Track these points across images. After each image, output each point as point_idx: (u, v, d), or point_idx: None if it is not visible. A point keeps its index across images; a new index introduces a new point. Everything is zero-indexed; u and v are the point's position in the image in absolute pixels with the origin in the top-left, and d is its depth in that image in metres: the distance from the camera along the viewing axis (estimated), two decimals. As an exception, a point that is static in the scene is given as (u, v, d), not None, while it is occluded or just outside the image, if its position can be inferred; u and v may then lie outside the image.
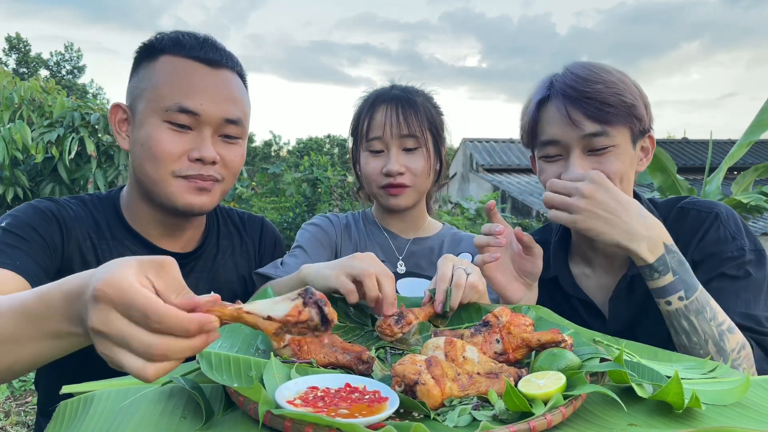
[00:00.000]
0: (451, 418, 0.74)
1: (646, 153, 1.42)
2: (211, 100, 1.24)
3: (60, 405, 0.81)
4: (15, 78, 6.58)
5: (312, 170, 8.93)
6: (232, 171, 1.32)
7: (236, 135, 1.31)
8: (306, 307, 0.69)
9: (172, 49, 1.26)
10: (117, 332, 0.63)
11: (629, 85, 1.34)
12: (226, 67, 1.29)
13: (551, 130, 1.34)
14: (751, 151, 14.60)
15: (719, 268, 1.28)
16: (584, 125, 1.29)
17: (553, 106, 1.34)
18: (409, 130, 1.56)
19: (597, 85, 1.30)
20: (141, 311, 0.62)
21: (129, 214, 1.35)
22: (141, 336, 0.62)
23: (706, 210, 1.36)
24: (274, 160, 34.06)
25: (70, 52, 39.66)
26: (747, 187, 6.31)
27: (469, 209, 9.08)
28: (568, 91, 1.31)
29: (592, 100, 1.28)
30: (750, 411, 0.80)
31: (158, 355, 0.63)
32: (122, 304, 0.62)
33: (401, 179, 1.57)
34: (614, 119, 1.29)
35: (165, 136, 1.23)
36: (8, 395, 4.44)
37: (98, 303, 0.63)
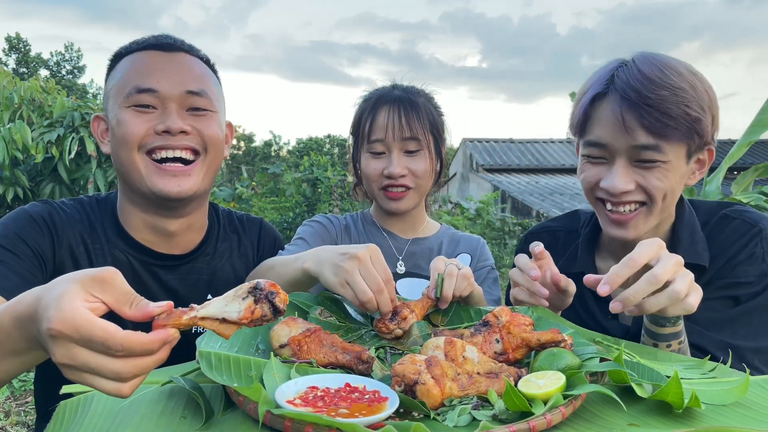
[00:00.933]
0: (451, 418, 0.74)
1: (702, 165, 1.30)
2: (167, 77, 1.25)
3: (60, 405, 0.81)
4: (15, 78, 6.58)
5: (312, 170, 8.93)
6: (211, 142, 1.30)
7: (204, 106, 1.29)
8: (257, 304, 0.71)
9: (129, 48, 1.32)
10: (84, 364, 0.65)
11: (700, 93, 1.20)
12: (182, 50, 1.32)
13: (600, 132, 1.23)
14: (751, 151, 14.60)
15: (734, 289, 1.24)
16: (637, 135, 1.18)
17: (608, 105, 1.22)
18: (411, 132, 1.56)
19: (663, 90, 1.16)
20: (101, 344, 0.63)
21: (123, 217, 1.35)
22: (108, 365, 0.65)
23: (751, 222, 1.28)
24: (274, 160, 34.05)
25: (70, 52, 39.67)
26: (747, 187, 6.30)
27: (469, 209, 9.08)
28: (629, 92, 1.18)
29: (652, 109, 1.16)
30: (750, 411, 0.80)
31: (128, 377, 0.66)
32: (81, 340, 0.64)
33: (402, 181, 1.57)
34: (672, 134, 1.17)
35: (129, 117, 1.24)
36: (8, 395, 4.44)
37: (57, 340, 0.64)
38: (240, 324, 0.72)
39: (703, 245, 1.29)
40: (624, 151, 1.21)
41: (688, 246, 1.29)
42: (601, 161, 1.26)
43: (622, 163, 1.22)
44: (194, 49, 1.35)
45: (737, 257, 1.24)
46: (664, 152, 1.19)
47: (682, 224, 1.32)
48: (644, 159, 1.20)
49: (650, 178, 1.21)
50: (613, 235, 1.30)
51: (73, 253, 1.27)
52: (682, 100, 1.17)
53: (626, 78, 1.20)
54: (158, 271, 1.34)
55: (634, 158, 1.21)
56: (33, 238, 1.21)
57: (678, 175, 1.24)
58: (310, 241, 1.59)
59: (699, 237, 1.31)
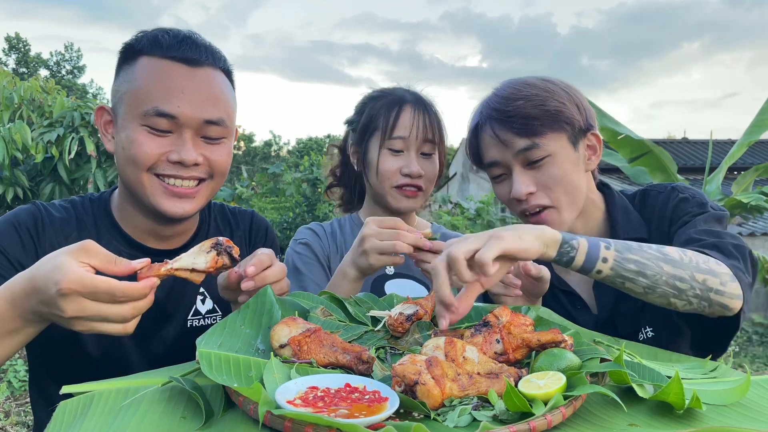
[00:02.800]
0: (451, 419, 0.74)
1: (594, 151, 1.44)
2: (189, 102, 1.21)
3: (60, 405, 0.81)
4: (15, 78, 6.59)
5: (312, 170, 8.94)
6: (219, 171, 1.29)
7: (219, 136, 1.27)
8: (219, 256, 0.95)
9: (151, 49, 1.24)
10: (94, 312, 0.85)
11: (554, 92, 1.36)
12: (206, 64, 1.26)
13: (489, 153, 1.41)
14: (751, 151, 14.60)
15: (682, 219, 1.34)
16: (514, 142, 1.34)
17: (483, 131, 1.41)
18: (430, 135, 1.61)
19: (518, 101, 1.34)
20: (107, 293, 0.84)
21: (119, 214, 1.34)
22: (113, 309, 0.86)
23: (663, 189, 1.44)
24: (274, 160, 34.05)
25: (70, 52, 39.67)
26: (747, 187, 6.31)
27: (469, 209, 9.08)
28: (493, 113, 1.37)
29: (515, 117, 1.33)
30: (750, 411, 0.80)
31: (130, 317, 0.88)
32: (89, 293, 0.84)
33: (419, 181, 1.60)
34: (541, 129, 1.32)
35: (143, 139, 1.20)
36: (8, 395, 4.44)
37: (67, 297, 0.83)
38: (207, 272, 0.95)
39: (638, 221, 1.44)
40: (512, 160, 1.37)
41: (624, 224, 1.44)
42: (504, 178, 1.43)
43: (517, 170, 1.37)
44: (217, 58, 1.29)
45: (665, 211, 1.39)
46: (544, 147, 1.33)
47: (615, 207, 1.47)
48: (532, 160, 1.35)
49: (544, 172, 1.35)
50: None
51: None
52: (537, 102, 1.34)
53: (488, 104, 1.41)
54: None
55: (525, 162, 1.36)
56: (13, 248, 1.21)
57: (569, 162, 1.37)
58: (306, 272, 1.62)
59: (633, 215, 1.45)
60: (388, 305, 1.19)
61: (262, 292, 1.08)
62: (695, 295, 1.07)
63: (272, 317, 1.04)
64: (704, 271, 1.07)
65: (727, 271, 1.10)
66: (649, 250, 1.07)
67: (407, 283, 1.67)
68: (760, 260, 5.93)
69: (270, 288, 1.09)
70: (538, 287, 1.27)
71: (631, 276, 1.05)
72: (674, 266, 1.06)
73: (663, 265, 1.06)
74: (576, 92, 1.41)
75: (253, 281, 1.06)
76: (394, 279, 1.67)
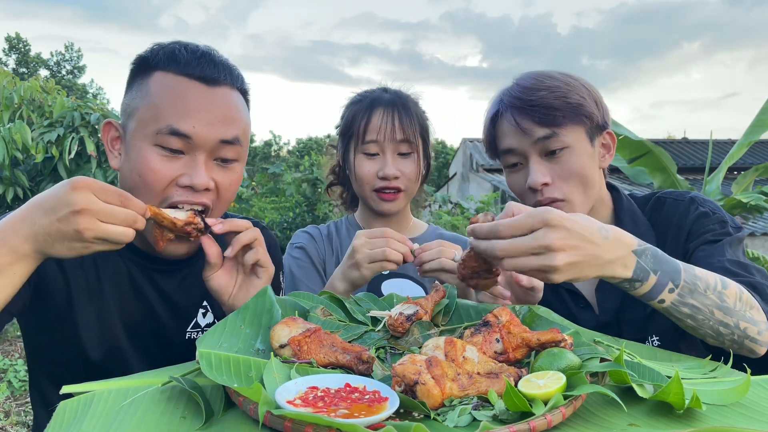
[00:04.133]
0: (451, 418, 0.74)
1: (608, 149, 1.46)
2: (205, 122, 1.16)
3: (60, 405, 0.81)
4: (15, 78, 6.58)
5: (312, 170, 8.94)
6: (224, 198, 1.24)
7: (233, 158, 1.23)
8: (196, 216, 1.13)
9: (167, 65, 1.19)
10: (101, 208, 0.94)
11: (575, 87, 1.39)
12: (224, 84, 1.21)
13: (507, 141, 1.43)
14: (751, 151, 14.60)
15: (702, 237, 1.33)
16: (534, 131, 1.36)
17: (504, 119, 1.43)
18: (404, 135, 1.60)
19: (541, 91, 1.37)
20: (115, 192, 0.97)
21: None
22: (119, 209, 0.96)
23: (680, 197, 1.43)
24: (274, 160, 34.02)
25: (70, 52, 39.67)
26: (747, 187, 6.31)
27: (469, 209, 9.08)
28: (515, 102, 1.39)
29: (537, 107, 1.36)
30: (750, 411, 0.80)
31: (133, 223, 0.99)
32: (99, 189, 0.95)
33: (396, 183, 1.59)
34: (562, 120, 1.35)
35: (155, 161, 1.15)
36: (8, 395, 4.44)
37: (80, 190, 0.93)
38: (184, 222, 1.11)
39: (646, 227, 1.44)
40: (531, 148, 1.38)
41: (632, 229, 1.38)
42: (519, 167, 1.44)
43: (535, 159, 1.39)
44: (234, 77, 1.24)
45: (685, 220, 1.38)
46: (563, 137, 1.36)
47: (622, 211, 1.47)
48: (550, 150, 1.37)
49: (562, 163, 1.37)
50: None
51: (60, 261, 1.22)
52: (559, 93, 1.36)
53: (511, 93, 1.42)
54: (155, 275, 1.32)
55: (543, 152, 1.38)
56: None
57: (586, 156, 1.39)
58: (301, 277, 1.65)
59: (641, 220, 1.45)
60: (388, 305, 1.19)
61: (262, 292, 1.08)
62: (732, 339, 1.09)
63: (272, 317, 1.04)
64: (748, 319, 1.10)
65: (764, 320, 1.12)
66: (710, 294, 1.07)
67: (404, 283, 1.68)
68: (761, 260, 5.93)
69: (270, 288, 1.09)
70: (532, 296, 1.26)
71: (680, 317, 1.07)
72: (725, 313, 1.08)
73: (715, 312, 1.07)
74: (595, 89, 1.44)
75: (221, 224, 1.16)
76: (390, 279, 1.68)
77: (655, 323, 1.37)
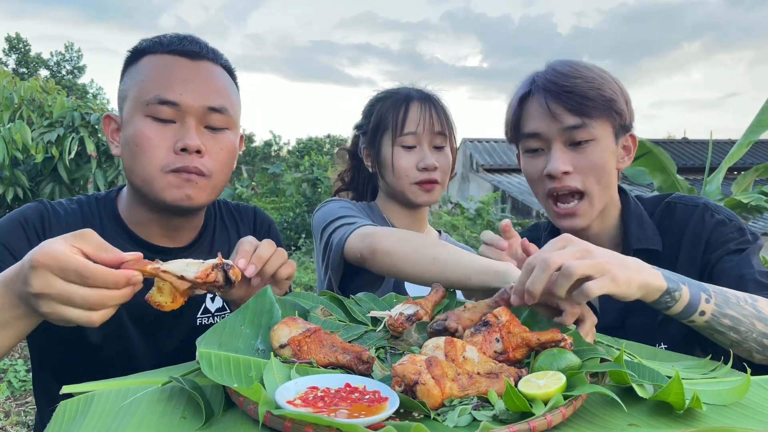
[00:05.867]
0: (451, 418, 0.74)
1: (628, 152, 1.44)
2: (191, 90, 1.23)
3: (60, 405, 0.81)
4: (15, 78, 6.58)
5: (312, 170, 8.94)
6: (219, 163, 1.28)
7: (222, 125, 1.28)
8: (214, 270, 0.87)
9: (153, 48, 1.28)
10: (58, 292, 0.80)
11: (609, 81, 1.37)
12: (206, 59, 1.29)
13: (533, 124, 1.38)
14: (751, 151, 14.59)
15: (725, 246, 1.29)
16: (564, 118, 1.33)
17: (534, 101, 1.38)
18: (441, 127, 1.64)
19: (576, 79, 1.33)
20: (75, 272, 0.80)
21: (127, 214, 1.35)
22: (79, 291, 0.80)
23: (692, 203, 1.39)
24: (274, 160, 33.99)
25: (70, 52, 39.65)
26: (747, 187, 6.31)
27: (469, 209, 9.08)
28: (549, 85, 1.35)
29: (571, 94, 1.32)
30: (750, 411, 0.80)
31: (97, 305, 0.82)
32: (58, 268, 0.80)
33: (434, 175, 1.63)
34: (594, 112, 1.32)
35: (149, 130, 1.21)
36: (8, 395, 4.44)
37: (36, 270, 0.80)
38: (195, 282, 0.87)
39: (653, 231, 1.41)
40: (556, 135, 1.35)
41: (638, 233, 1.40)
42: (540, 153, 1.39)
43: (558, 146, 1.35)
44: (218, 55, 1.33)
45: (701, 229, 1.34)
46: (591, 129, 1.33)
47: (629, 214, 1.44)
48: (576, 140, 1.34)
49: (585, 154, 1.34)
50: (564, 226, 1.40)
51: None
52: (594, 85, 1.33)
53: (545, 76, 1.38)
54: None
55: (568, 141, 1.35)
56: (18, 244, 1.21)
57: (609, 152, 1.36)
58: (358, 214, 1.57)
59: (647, 224, 1.42)
60: (388, 305, 1.19)
61: (262, 292, 1.08)
62: None
63: (272, 317, 1.04)
64: None
65: None
66: (744, 305, 1.05)
67: None
68: (761, 260, 5.93)
69: (270, 288, 1.09)
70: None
71: (723, 330, 1.03)
72: (766, 324, 1.05)
73: (756, 323, 1.04)
74: (625, 90, 1.41)
75: (259, 277, 1.08)
76: None
77: (664, 331, 1.34)
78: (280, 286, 1.14)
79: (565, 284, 0.90)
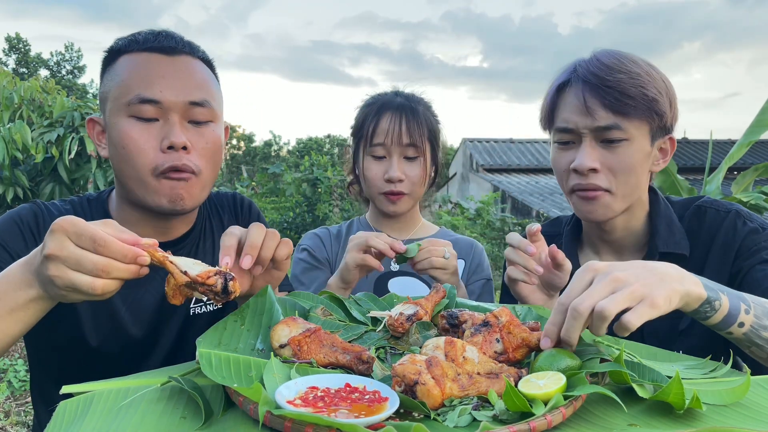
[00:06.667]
0: (451, 419, 0.74)
1: (665, 154, 1.38)
2: (171, 86, 1.22)
3: (60, 405, 0.81)
4: (15, 78, 6.58)
5: (312, 170, 8.94)
6: (206, 158, 1.28)
7: (205, 118, 1.27)
8: (216, 276, 0.89)
9: (129, 46, 1.27)
10: (69, 254, 0.84)
11: (656, 79, 1.30)
12: (184, 53, 1.28)
13: (566, 116, 1.33)
14: (751, 151, 14.60)
15: (757, 255, 1.25)
16: (599, 115, 1.27)
17: (572, 91, 1.32)
18: (410, 140, 1.62)
19: (620, 74, 1.26)
20: (90, 236, 0.84)
21: (117, 215, 1.35)
22: (89, 256, 0.84)
23: (724, 209, 1.34)
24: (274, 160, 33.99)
25: (70, 52, 39.64)
26: (747, 187, 6.31)
27: (469, 209, 9.08)
28: (590, 77, 1.28)
29: (611, 89, 1.25)
30: (750, 411, 0.80)
31: (103, 272, 0.85)
32: (74, 233, 0.85)
33: (400, 186, 1.63)
34: (632, 111, 1.26)
35: (133, 130, 1.21)
36: (8, 395, 4.44)
37: (54, 233, 0.84)
38: (195, 280, 0.88)
39: (681, 235, 1.35)
40: (589, 132, 1.30)
41: (666, 236, 1.35)
42: (570, 146, 1.34)
43: (588, 143, 1.30)
44: (195, 48, 1.32)
45: (733, 236, 1.30)
46: (626, 130, 1.27)
47: (658, 216, 1.38)
48: (608, 139, 1.29)
49: (616, 154, 1.29)
50: (585, 212, 1.35)
51: None
52: (638, 82, 1.26)
53: (586, 66, 1.31)
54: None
55: (600, 138, 1.30)
56: (15, 244, 1.21)
57: (642, 154, 1.31)
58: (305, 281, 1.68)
59: (676, 228, 1.36)
60: (388, 305, 1.19)
61: (262, 292, 1.08)
62: None
63: (272, 317, 1.04)
64: None
65: None
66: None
67: (410, 281, 1.71)
68: None
69: (270, 288, 1.09)
70: (559, 278, 1.23)
71: (761, 343, 0.99)
72: None
73: None
74: (673, 89, 1.35)
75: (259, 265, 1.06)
76: (398, 277, 1.71)
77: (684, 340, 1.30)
78: (280, 267, 1.12)
79: (602, 327, 0.85)
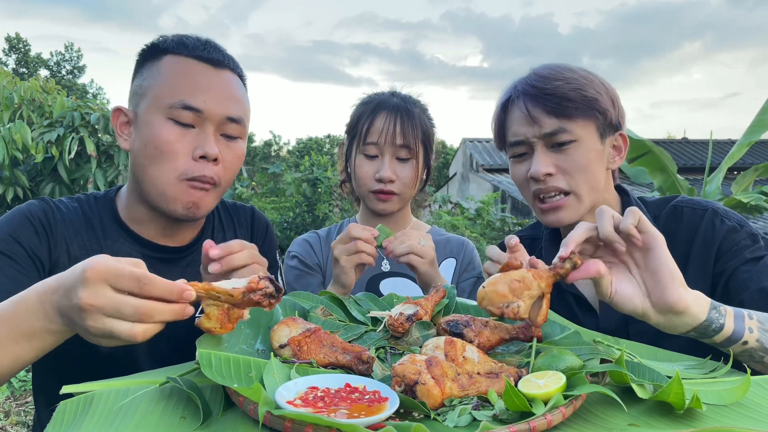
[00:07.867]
0: (451, 418, 0.74)
1: (619, 151, 1.42)
2: (214, 98, 1.26)
3: (60, 405, 0.81)
4: (15, 78, 6.58)
5: (312, 170, 8.94)
6: (229, 172, 1.32)
7: (237, 135, 1.32)
8: (261, 280, 0.87)
9: (176, 49, 1.29)
10: (108, 301, 0.77)
11: (593, 81, 1.35)
12: (228, 68, 1.32)
13: (515, 130, 1.39)
14: (751, 151, 14.60)
15: (740, 254, 1.24)
16: (544, 122, 1.33)
17: (515, 106, 1.39)
18: (404, 141, 1.63)
19: (557, 81, 1.33)
20: (131, 276, 0.77)
21: (126, 213, 1.35)
22: (130, 300, 0.78)
23: (701, 208, 1.34)
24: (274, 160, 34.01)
25: (70, 52, 39.65)
26: (747, 187, 6.32)
27: (469, 209, 9.08)
28: (529, 89, 1.35)
29: (551, 96, 1.32)
30: (750, 411, 0.80)
31: (145, 315, 0.78)
32: (113, 277, 0.77)
33: (391, 186, 1.63)
34: (574, 113, 1.31)
35: (170, 133, 1.23)
36: (8, 395, 4.44)
37: (89, 283, 0.77)
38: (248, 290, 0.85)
39: None
40: (538, 139, 1.35)
41: None
42: (525, 157, 1.40)
43: (540, 150, 1.35)
44: (236, 65, 1.36)
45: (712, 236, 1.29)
46: (572, 132, 1.32)
47: None
48: (557, 142, 1.34)
49: (567, 155, 1.34)
50: (550, 222, 1.40)
51: (68, 250, 1.27)
52: (576, 85, 1.32)
53: (525, 81, 1.38)
54: (158, 264, 1.34)
55: (550, 144, 1.35)
56: (28, 238, 1.21)
57: (594, 153, 1.35)
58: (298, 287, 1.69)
59: None
60: (388, 305, 1.19)
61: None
62: None
63: (272, 317, 1.04)
64: None
65: None
66: None
67: (401, 282, 1.71)
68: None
69: None
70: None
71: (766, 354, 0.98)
72: None
73: None
74: (613, 89, 1.40)
75: (219, 264, 1.09)
76: (389, 277, 1.72)
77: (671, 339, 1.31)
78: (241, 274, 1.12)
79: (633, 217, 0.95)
